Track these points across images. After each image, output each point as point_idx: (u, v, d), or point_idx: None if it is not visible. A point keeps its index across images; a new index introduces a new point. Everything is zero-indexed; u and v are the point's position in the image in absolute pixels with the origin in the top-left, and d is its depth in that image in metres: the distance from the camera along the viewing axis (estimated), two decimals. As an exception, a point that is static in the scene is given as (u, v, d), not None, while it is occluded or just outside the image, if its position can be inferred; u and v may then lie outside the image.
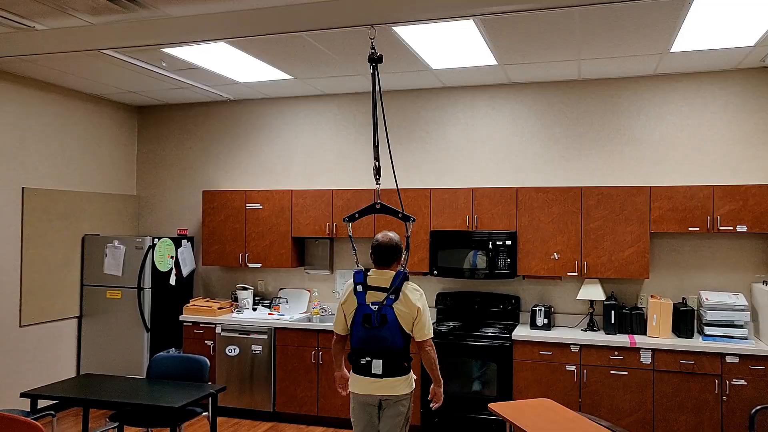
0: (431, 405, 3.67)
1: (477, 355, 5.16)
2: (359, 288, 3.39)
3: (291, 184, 6.48)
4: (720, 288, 5.17)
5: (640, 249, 5.04)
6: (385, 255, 3.49)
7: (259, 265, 6.14)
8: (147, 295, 6.14)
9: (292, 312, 6.22)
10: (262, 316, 5.96)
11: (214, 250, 6.32)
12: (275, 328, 5.78)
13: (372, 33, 3.37)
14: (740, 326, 4.74)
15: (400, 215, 3.47)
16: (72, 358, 6.27)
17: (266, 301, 6.38)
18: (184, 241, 6.56)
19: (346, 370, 3.67)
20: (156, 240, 6.21)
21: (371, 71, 3.40)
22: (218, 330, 5.96)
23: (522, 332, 5.16)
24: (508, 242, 5.34)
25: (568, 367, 4.91)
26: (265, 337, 5.80)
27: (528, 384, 5.01)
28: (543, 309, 5.27)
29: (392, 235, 3.55)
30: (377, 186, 3.46)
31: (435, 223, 5.61)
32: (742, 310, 4.74)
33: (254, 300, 6.40)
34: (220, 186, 6.75)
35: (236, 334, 5.90)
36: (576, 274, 5.19)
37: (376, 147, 3.41)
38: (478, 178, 5.86)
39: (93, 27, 4.24)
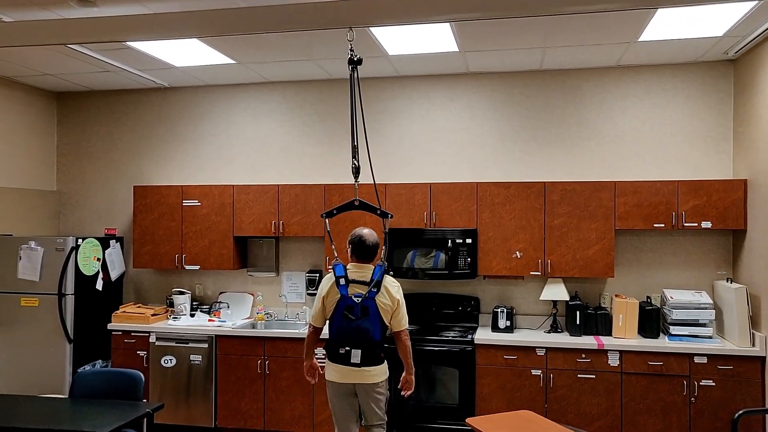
0: (403, 393, 3.88)
1: (437, 360, 4.84)
2: (342, 281, 3.53)
3: (232, 178, 5.97)
4: (682, 286, 5.05)
5: (605, 246, 4.85)
6: (368, 251, 3.65)
7: (197, 267, 5.61)
8: (69, 302, 5.49)
9: (234, 318, 5.72)
10: (201, 323, 5.44)
11: (146, 251, 5.73)
12: (216, 335, 5.28)
13: (351, 35, 3.35)
14: (705, 325, 4.62)
15: (378, 212, 3.58)
16: (-19, 374, 5.55)
17: (205, 307, 5.85)
18: (112, 242, 5.94)
19: (315, 360, 3.89)
20: (80, 240, 5.57)
21: (350, 72, 3.39)
22: (152, 339, 5.40)
23: (484, 336, 4.88)
24: (468, 240, 5.05)
25: (533, 372, 4.66)
26: (205, 345, 5.29)
27: (492, 390, 4.73)
28: (505, 310, 5.01)
29: (373, 231, 3.73)
30: (356, 183, 3.49)
31: (391, 221, 5.25)
32: (707, 309, 4.62)
33: (192, 305, 5.86)
34: (153, 181, 6.16)
35: (173, 343, 5.35)
36: (539, 273, 4.95)
37: (354, 147, 3.41)
38: (436, 172, 5.55)
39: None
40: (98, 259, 5.76)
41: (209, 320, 5.49)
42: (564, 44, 4.64)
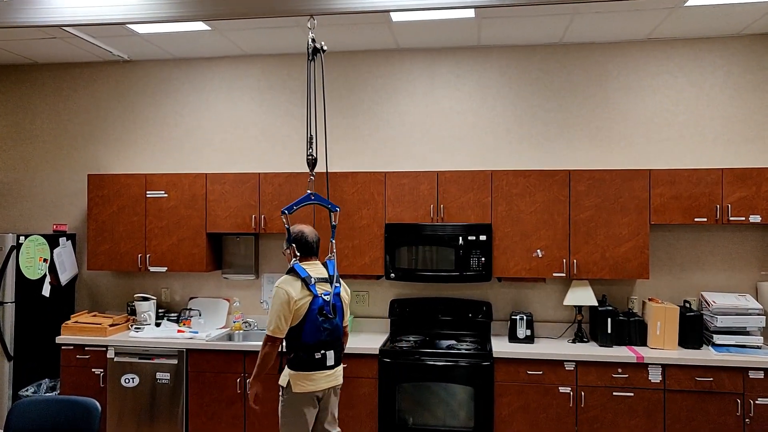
0: None
1: (448, 377, 4.16)
2: (311, 281, 3.32)
3: (205, 166, 5.18)
4: (721, 288, 4.49)
5: (638, 244, 4.25)
6: (315, 247, 3.51)
7: (163, 269, 4.81)
8: (9, 311, 4.63)
9: (208, 327, 4.94)
10: (169, 334, 4.64)
11: (103, 250, 4.90)
12: (187, 349, 4.49)
13: (312, 23, 3.30)
14: (753, 333, 4.06)
15: (329, 205, 3.58)
16: None
17: (173, 315, 5.05)
18: (62, 240, 5.08)
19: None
20: (22, 238, 4.71)
21: (309, 60, 3.41)
22: (110, 354, 4.58)
23: (502, 347, 4.23)
24: (482, 237, 4.38)
25: (561, 389, 4.03)
26: (174, 361, 4.50)
27: (513, 411, 4.08)
28: (524, 318, 4.37)
29: (310, 227, 3.57)
30: (311, 178, 3.53)
31: (392, 215, 4.55)
32: (756, 314, 4.06)
33: (158, 313, 5.05)
34: (112, 168, 5.31)
35: (135, 359, 4.54)
36: (563, 274, 4.32)
37: (310, 139, 3.47)
38: (443, 159, 4.86)
39: None
40: (45, 260, 4.91)
41: (178, 331, 4.69)
42: (596, 10, 4.00)
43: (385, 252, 4.53)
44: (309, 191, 3.52)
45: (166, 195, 4.83)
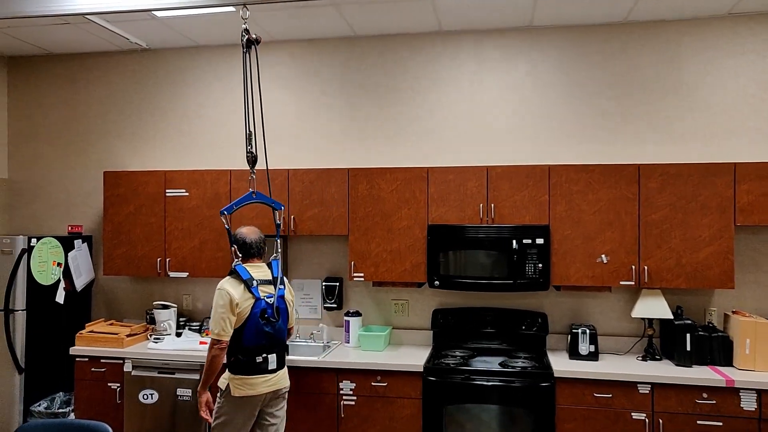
0: None
1: (502, 399, 3.67)
2: (253, 283, 3.25)
3: (228, 162, 4.76)
4: (815, 298, 3.93)
5: (721, 248, 3.70)
6: (256, 247, 3.43)
7: (185, 275, 4.40)
8: (20, 319, 4.27)
9: (233, 338, 4.52)
10: (190, 346, 4.22)
11: (120, 253, 4.51)
12: (210, 363, 4.08)
13: (244, 13, 3.21)
14: None
15: (272, 203, 3.51)
16: None
17: (195, 324, 4.64)
18: (77, 242, 4.71)
19: None
20: (34, 240, 4.34)
21: (244, 51, 3.29)
22: (127, 367, 4.19)
23: (563, 365, 3.72)
24: (539, 240, 3.88)
25: (635, 416, 3.51)
26: (196, 376, 4.09)
27: (578, 440, 3.58)
28: (588, 332, 3.85)
29: (252, 227, 3.51)
30: (252, 174, 3.43)
31: (435, 215, 4.07)
32: None
33: (179, 322, 4.65)
34: (129, 165, 4.93)
35: (154, 373, 4.14)
36: (632, 283, 3.80)
37: (249, 134, 3.34)
38: (492, 153, 4.36)
39: None
40: (59, 264, 4.54)
41: (201, 342, 4.28)
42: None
43: (428, 257, 4.05)
44: (251, 189, 3.42)
45: (187, 193, 4.43)
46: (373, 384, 3.86)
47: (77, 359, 4.27)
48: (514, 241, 3.90)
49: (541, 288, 3.88)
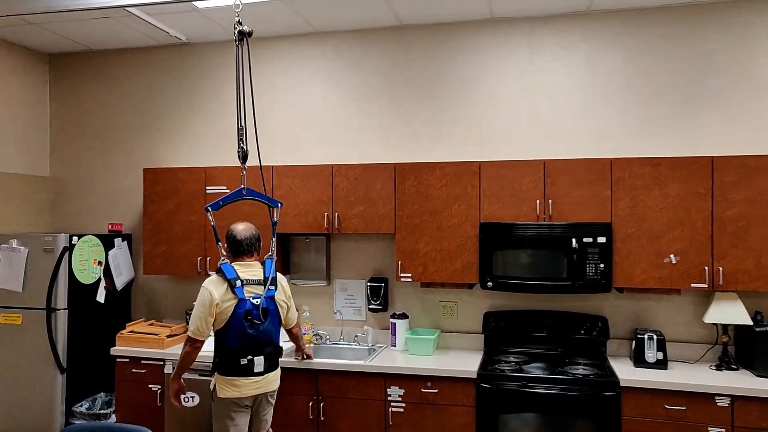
0: (305, 359, 3.76)
1: (562, 409, 3.42)
2: (237, 283, 3.16)
3: (270, 157, 4.61)
4: None
5: (805, 248, 3.39)
6: (247, 246, 3.34)
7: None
8: (62, 318, 4.20)
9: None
10: (231, 348, 4.09)
11: (160, 252, 4.41)
12: (252, 366, 3.94)
13: (237, 2, 3.20)
14: None
15: (267, 201, 3.41)
16: (-51, 413, 4.29)
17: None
18: (117, 240, 4.63)
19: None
20: (75, 238, 4.26)
21: (236, 43, 3.22)
22: (168, 369, 4.07)
23: (628, 373, 3.46)
24: (600, 239, 3.62)
25: (712, 431, 3.23)
26: (238, 380, 3.94)
27: (646, 455, 3.31)
28: (654, 337, 3.58)
29: (249, 225, 3.43)
30: (243, 170, 3.34)
31: (488, 212, 3.85)
32: None
33: (219, 323, 4.52)
34: (168, 162, 4.83)
35: (195, 375, 4.00)
36: (705, 285, 3.51)
37: (240, 129, 3.25)
38: (547, 146, 4.11)
39: None
40: (99, 263, 4.46)
41: (242, 344, 4.13)
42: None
43: (480, 256, 3.83)
44: (242, 186, 3.32)
45: (227, 190, 4.29)
46: (423, 390, 3.66)
47: (118, 360, 4.18)
48: (574, 240, 3.65)
49: (602, 290, 3.62)
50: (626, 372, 3.48)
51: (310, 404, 3.80)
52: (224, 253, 3.30)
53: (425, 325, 4.30)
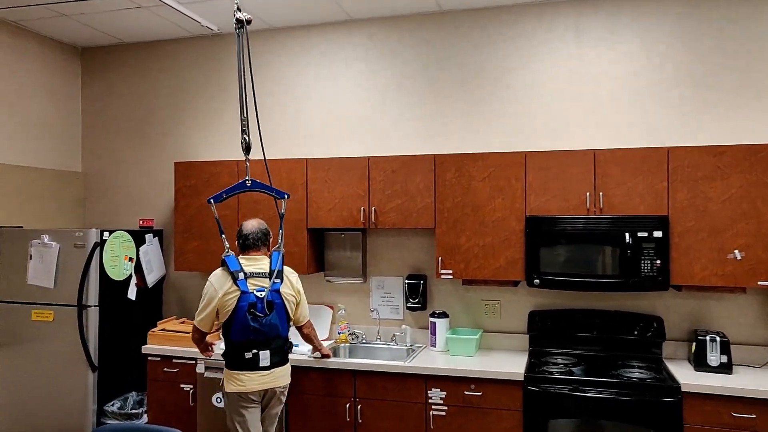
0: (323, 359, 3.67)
1: (617, 415, 3.20)
2: (240, 276, 3.14)
3: (305, 150, 4.47)
4: None
5: None
6: (253, 240, 3.30)
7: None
8: (92, 316, 4.10)
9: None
10: (265, 347, 3.95)
11: (192, 248, 4.30)
12: (286, 366, 3.80)
13: None
14: None
15: (273, 192, 3.33)
16: (-19, 411, 4.23)
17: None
18: (148, 236, 4.53)
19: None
20: (106, 234, 4.17)
21: (236, 31, 3.15)
22: (200, 368, 3.95)
23: (689, 377, 3.22)
24: (656, 233, 3.39)
25: (784, 441, 2.98)
26: (272, 380, 3.81)
27: (711, 466, 3.07)
28: (717, 339, 3.33)
29: (259, 220, 3.41)
30: (246, 161, 3.25)
31: (534, 205, 3.64)
32: None
33: (252, 321, 4.39)
34: (200, 155, 4.72)
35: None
36: (773, 283, 3.25)
37: (243, 120, 3.18)
38: (597, 135, 3.89)
39: None
40: (130, 259, 4.36)
41: (276, 343, 3.99)
42: None
43: (526, 252, 3.62)
44: (247, 177, 3.24)
45: (261, 184, 4.15)
46: (466, 393, 3.47)
47: (149, 358, 4.08)
48: (627, 234, 3.42)
49: (659, 287, 3.38)
50: (687, 376, 3.24)
51: (348, 406, 3.64)
52: (227, 245, 3.24)
53: (466, 324, 4.11)
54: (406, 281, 4.11)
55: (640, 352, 3.68)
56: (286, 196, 3.33)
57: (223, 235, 3.27)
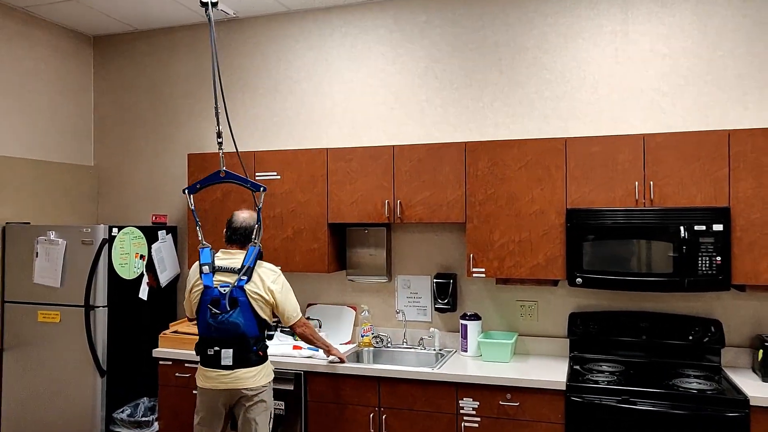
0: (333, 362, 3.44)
1: (670, 430, 2.84)
2: (205, 269, 3.02)
3: (325, 139, 4.18)
4: None
5: None
6: (234, 233, 3.15)
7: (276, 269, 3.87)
8: (101, 317, 3.88)
9: (331, 342, 3.92)
10: (282, 351, 3.67)
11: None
12: (305, 371, 3.51)
13: None
14: None
15: (248, 185, 3.18)
16: (-13, 416, 4.03)
17: (287, 326, 4.09)
18: (161, 233, 4.29)
19: None
20: (115, 230, 3.94)
21: (207, 14, 3.10)
22: (213, 373, 3.69)
23: (756, 389, 2.85)
24: (716, 226, 3.03)
25: None
26: (290, 386, 3.53)
27: (785, 490, 2.70)
28: (787, 345, 2.96)
29: (250, 212, 3.23)
30: (220, 151, 3.15)
31: (576, 196, 3.30)
32: None
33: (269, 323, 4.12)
34: (215, 147, 4.46)
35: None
36: None
37: (217, 112, 3.10)
38: (646, 119, 3.53)
39: None
40: (142, 257, 4.13)
41: (294, 347, 3.71)
42: None
43: (567, 248, 3.29)
44: (221, 168, 3.14)
45: (278, 177, 3.89)
46: (501, 403, 3.15)
47: (161, 362, 3.83)
48: (682, 228, 3.06)
49: (719, 287, 3.02)
50: (754, 388, 2.88)
51: (371, 416, 3.34)
52: (200, 237, 3.12)
53: (500, 327, 3.78)
54: (435, 280, 3.79)
55: (695, 360, 3.31)
56: (262, 189, 3.15)
57: (198, 227, 3.15)
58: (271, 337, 3.18)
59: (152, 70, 4.63)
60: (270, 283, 3.06)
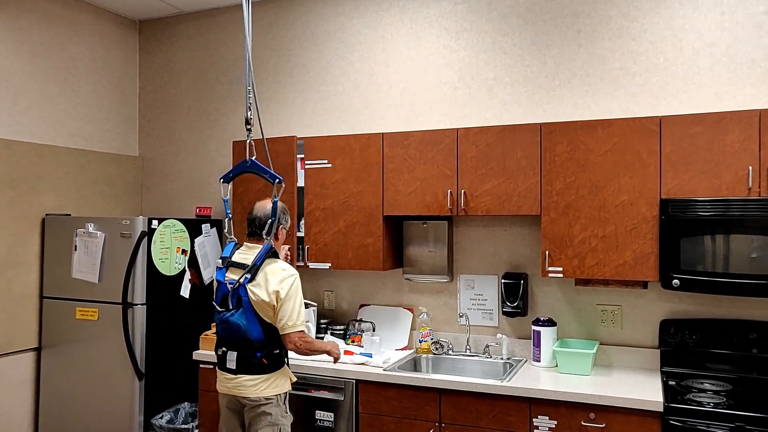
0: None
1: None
2: (219, 263, 2.88)
3: (381, 124, 3.82)
4: None
5: None
6: (252, 225, 2.90)
7: (326, 266, 3.53)
8: (139, 315, 3.62)
9: (385, 348, 3.56)
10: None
11: (251, 239, 3.73)
12: (357, 380, 3.15)
13: None
14: None
15: (267, 175, 2.93)
16: (26, 417, 3.83)
17: (339, 328, 3.74)
18: (205, 227, 4.02)
19: None
20: (155, 222, 3.68)
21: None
22: (257, 378, 3.37)
23: None
24: None
25: None
26: (340, 396, 3.18)
27: None
28: None
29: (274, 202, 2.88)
30: (249, 139, 2.96)
31: (672, 184, 2.83)
32: None
33: (319, 325, 3.78)
34: (265, 135, 4.16)
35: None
36: None
37: (248, 96, 2.93)
38: (762, 92, 3.01)
39: None
40: (184, 252, 3.86)
41: (345, 352, 3.35)
42: None
43: (661, 245, 2.82)
44: (248, 157, 2.94)
45: (329, 165, 3.55)
46: (583, 423, 2.71)
47: (201, 365, 3.55)
48: (808, 222, 2.55)
49: None
50: None
51: (431, 431, 2.95)
52: (226, 229, 2.98)
53: (577, 334, 3.33)
54: (503, 281, 3.36)
55: (819, 379, 2.79)
56: (278, 180, 2.89)
57: (228, 219, 2.96)
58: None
59: (199, 54, 4.38)
60: (275, 285, 2.74)
